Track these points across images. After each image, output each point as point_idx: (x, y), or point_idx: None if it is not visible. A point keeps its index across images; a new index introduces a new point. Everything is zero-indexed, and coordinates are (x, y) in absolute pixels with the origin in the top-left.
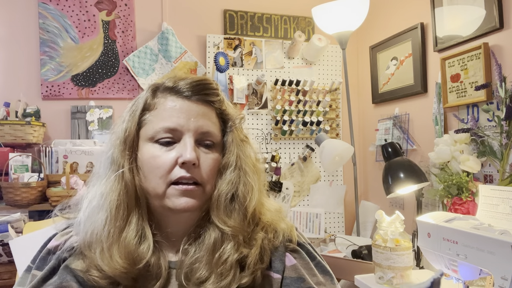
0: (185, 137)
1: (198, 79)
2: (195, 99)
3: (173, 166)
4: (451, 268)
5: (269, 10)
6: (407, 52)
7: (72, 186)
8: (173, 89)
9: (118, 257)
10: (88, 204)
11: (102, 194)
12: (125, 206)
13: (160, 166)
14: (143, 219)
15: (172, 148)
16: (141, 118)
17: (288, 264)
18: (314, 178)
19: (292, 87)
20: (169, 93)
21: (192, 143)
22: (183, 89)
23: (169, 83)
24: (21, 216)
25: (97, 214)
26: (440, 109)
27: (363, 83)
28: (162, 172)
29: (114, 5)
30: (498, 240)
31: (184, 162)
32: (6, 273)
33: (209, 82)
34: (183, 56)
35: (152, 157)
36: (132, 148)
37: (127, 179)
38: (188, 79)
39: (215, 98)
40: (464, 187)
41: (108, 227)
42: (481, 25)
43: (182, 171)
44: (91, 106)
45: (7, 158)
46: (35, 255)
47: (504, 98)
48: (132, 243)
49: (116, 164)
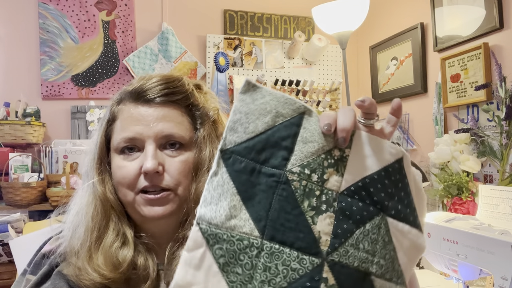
0: (146, 145)
1: (156, 80)
2: (154, 103)
3: (137, 176)
4: (451, 268)
5: (269, 10)
6: (407, 52)
7: (72, 186)
8: (131, 95)
9: (101, 264)
10: (70, 216)
11: (80, 208)
12: (101, 216)
13: (125, 177)
14: (121, 225)
15: (136, 157)
16: (108, 128)
17: None
18: None
19: (292, 87)
20: (128, 100)
21: (152, 150)
22: (141, 94)
23: (128, 87)
24: (21, 216)
25: (76, 227)
26: (440, 109)
27: (363, 83)
28: (127, 182)
29: (114, 5)
30: (498, 240)
31: (145, 173)
32: (6, 273)
33: (169, 81)
34: (183, 56)
35: (118, 168)
36: (101, 160)
37: (98, 191)
38: (146, 83)
39: (178, 96)
40: (464, 187)
41: (89, 239)
42: (481, 25)
43: (146, 181)
44: (91, 106)
45: (7, 158)
46: (31, 258)
47: (504, 98)
48: (111, 250)
49: (89, 177)
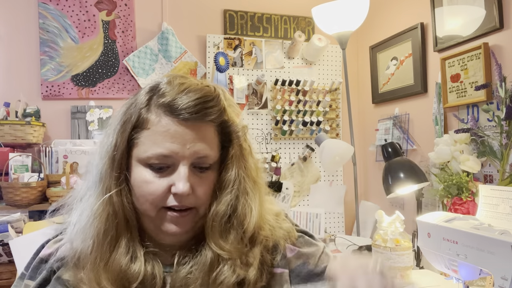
0: (180, 165)
1: (196, 97)
2: (192, 122)
3: (165, 194)
4: (451, 268)
5: (269, 10)
6: (407, 52)
7: (72, 186)
8: (168, 108)
9: (106, 283)
10: (77, 221)
11: (89, 215)
12: (114, 230)
13: (152, 193)
14: (133, 240)
15: (166, 175)
16: (132, 136)
17: (290, 255)
18: (314, 178)
19: (292, 87)
20: (164, 113)
21: (186, 172)
22: (179, 111)
23: (164, 99)
24: (21, 216)
25: (85, 237)
26: (440, 109)
27: (363, 83)
28: (153, 198)
29: (114, 5)
30: (498, 240)
31: (176, 193)
32: (6, 273)
33: (209, 98)
34: (183, 56)
35: (144, 182)
36: (120, 168)
37: (115, 202)
38: (186, 96)
39: (214, 115)
40: (464, 187)
41: (95, 254)
42: (481, 25)
43: (174, 201)
44: (91, 106)
45: (7, 158)
46: (28, 262)
47: (504, 98)
48: (121, 267)
49: (104, 184)
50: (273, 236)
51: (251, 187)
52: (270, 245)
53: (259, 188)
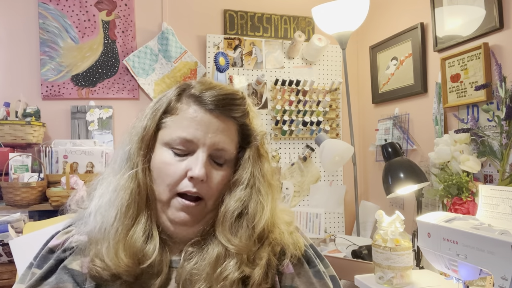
0: (199, 151)
1: (224, 92)
2: (217, 113)
3: (181, 177)
4: (451, 268)
5: (269, 10)
6: (407, 52)
7: (72, 186)
8: (198, 98)
9: (123, 255)
10: (100, 198)
11: (115, 190)
12: (136, 205)
13: (169, 175)
14: (151, 220)
15: (185, 159)
16: (161, 119)
17: (286, 271)
18: (314, 178)
19: (292, 87)
20: (193, 102)
21: (204, 158)
22: (208, 101)
23: (195, 91)
24: (21, 216)
25: (107, 209)
26: (440, 109)
27: (363, 83)
28: (170, 180)
29: (114, 5)
30: (498, 240)
31: (192, 177)
32: (6, 273)
33: (236, 96)
34: (183, 56)
35: (163, 163)
36: (148, 148)
37: (140, 178)
38: (215, 91)
39: (238, 114)
40: (464, 187)
41: (117, 225)
42: (481, 25)
43: (189, 185)
44: (91, 106)
45: (7, 158)
46: (37, 252)
47: (504, 98)
48: (138, 242)
49: (131, 161)
50: (282, 241)
51: (265, 188)
52: (278, 249)
53: (272, 191)
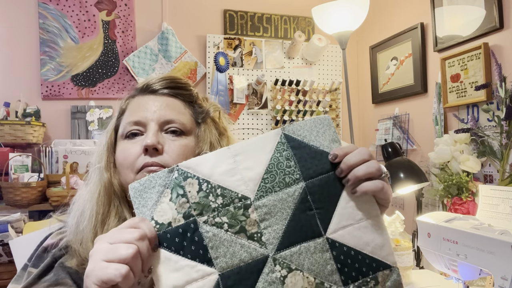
0: (149, 126)
1: (166, 76)
2: (161, 93)
3: (138, 155)
4: (451, 268)
5: (269, 10)
6: (407, 52)
7: (72, 186)
8: (141, 89)
9: None
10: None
11: (86, 195)
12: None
13: (127, 157)
14: (122, 210)
15: (138, 139)
16: (118, 120)
17: None
18: None
19: (292, 87)
20: (138, 93)
21: (154, 129)
22: (150, 85)
23: (138, 85)
24: (21, 216)
25: (82, 211)
26: (440, 109)
27: (363, 83)
28: (128, 162)
29: (114, 5)
30: (498, 240)
31: (145, 148)
32: (6, 273)
33: (177, 78)
34: (183, 56)
35: (121, 151)
36: (108, 147)
37: (104, 176)
38: (157, 78)
39: (183, 91)
40: (464, 187)
41: (94, 221)
42: (481, 25)
43: (146, 158)
44: (91, 106)
45: (7, 158)
46: (31, 254)
47: (504, 98)
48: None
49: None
50: None
51: None
52: None
53: None
